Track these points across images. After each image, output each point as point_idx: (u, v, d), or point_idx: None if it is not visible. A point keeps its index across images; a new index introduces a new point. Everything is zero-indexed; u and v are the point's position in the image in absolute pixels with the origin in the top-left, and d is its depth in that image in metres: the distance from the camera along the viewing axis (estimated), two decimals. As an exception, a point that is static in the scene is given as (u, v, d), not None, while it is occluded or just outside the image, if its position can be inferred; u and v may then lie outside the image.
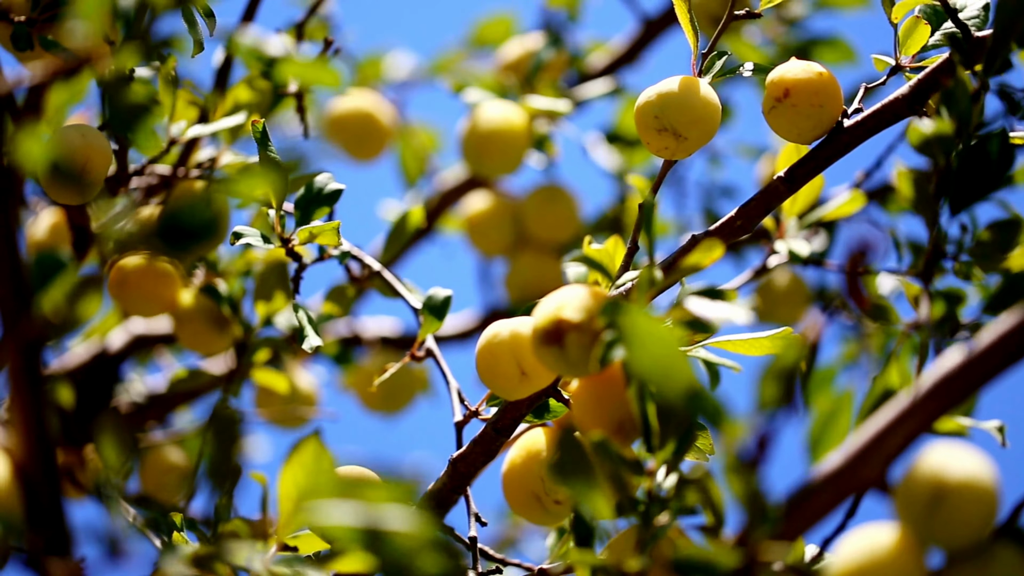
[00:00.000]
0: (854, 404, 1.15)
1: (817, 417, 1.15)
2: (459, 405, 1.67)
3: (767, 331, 1.49)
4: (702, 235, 1.48)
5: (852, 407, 1.15)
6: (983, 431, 1.49)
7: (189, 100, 1.94)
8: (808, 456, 1.15)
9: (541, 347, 1.30)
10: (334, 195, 1.69)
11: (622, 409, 1.29)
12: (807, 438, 1.15)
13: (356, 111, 2.69)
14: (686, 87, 1.48)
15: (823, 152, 1.49)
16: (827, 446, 1.14)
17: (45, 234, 2.15)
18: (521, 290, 2.74)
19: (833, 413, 1.15)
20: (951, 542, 1.09)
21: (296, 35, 2.16)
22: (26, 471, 1.15)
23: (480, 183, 2.80)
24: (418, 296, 1.82)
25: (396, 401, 2.71)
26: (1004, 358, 1.11)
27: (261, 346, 2.04)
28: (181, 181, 1.94)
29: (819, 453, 1.15)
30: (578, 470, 1.16)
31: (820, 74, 1.47)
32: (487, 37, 3.00)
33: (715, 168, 2.85)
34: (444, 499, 1.55)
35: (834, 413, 1.15)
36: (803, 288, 2.66)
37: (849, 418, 1.15)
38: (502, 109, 2.50)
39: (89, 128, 1.69)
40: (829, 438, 1.15)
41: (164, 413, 2.53)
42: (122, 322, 2.49)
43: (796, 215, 1.86)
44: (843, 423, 1.15)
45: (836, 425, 1.15)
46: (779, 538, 1.11)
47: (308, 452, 1.20)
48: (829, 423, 1.15)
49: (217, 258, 2.10)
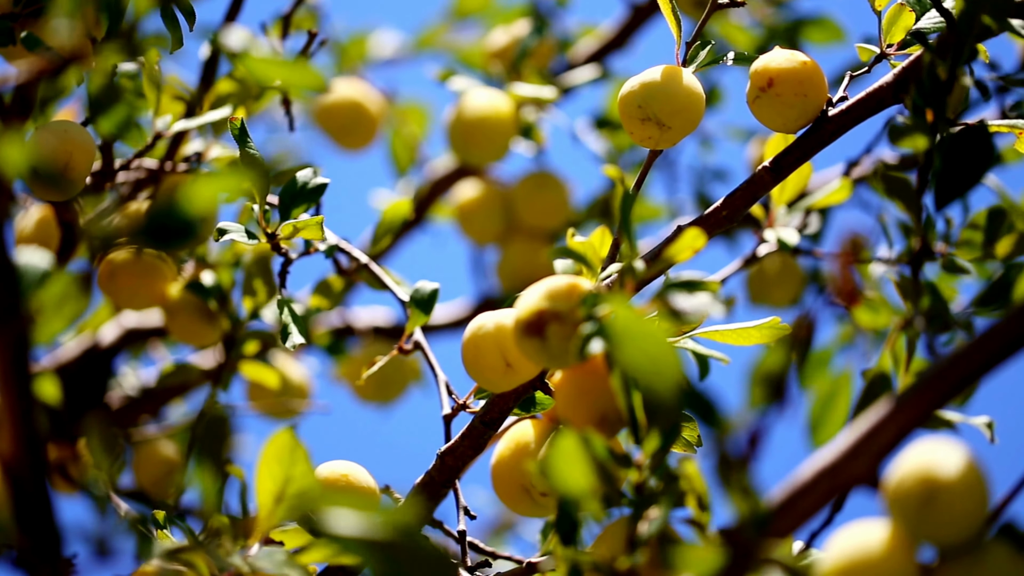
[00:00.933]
0: (852, 384, 1.15)
1: (816, 399, 1.15)
2: (447, 398, 1.66)
3: (756, 320, 1.49)
4: (687, 225, 1.48)
5: (851, 387, 1.15)
6: (972, 427, 1.49)
7: (174, 95, 1.93)
8: (809, 439, 1.15)
9: (523, 338, 1.30)
10: (318, 190, 1.69)
11: (606, 401, 1.28)
12: (807, 421, 1.15)
13: (345, 101, 2.68)
14: (669, 76, 1.47)
15: (808, 141, 1.49)
16: (829, 427, 1.14)
17: (32, 229, 2.15)
18: (513, 278, 2.74)
19: (832, 394, 1.15)
20: (943, 538, 1.09)
21: (283, 25, 2.16)
22: (14, 469, 1.15)
23: (471, 171, 2.80)
24: (406, 288, 1.82)
25: (389, 391, 2.71)
26: (995, 353, 1.11)
27: (249, 339, 2.04)
28: (169, 175, 1.93)
29: (821, 435, 1.15)
30: (563, 465, 1.15)
31: (804, 63, 1.47)
32: (469, 7, 3.00)
33: (706, 151, 2.85)
34: (433, 492, 1.55)
35: (833, 394, 1.15)
36: (796, 270, 2.66)
37: (849, 398, 1.15)
38: (488, 97, 2.49)
39: (72, 124, 1.68)
40: (830, 420, 1.15)
41: (158, 406, 2.53)
42: (114, 316, 2.49)
43: (785, 203, 1.86)
44: (843, 404, 1.15)
45: (836, 406, 1.15)
46: (770, 534, 1.11)
47: (282, 445, 1.20)
48: (829, 404, 1.15)
49: (207, 250, 2.10)
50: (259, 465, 1.22)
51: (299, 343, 1.67)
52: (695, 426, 1.42)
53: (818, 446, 1.14)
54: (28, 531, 1.15)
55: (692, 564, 1.10)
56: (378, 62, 2.98)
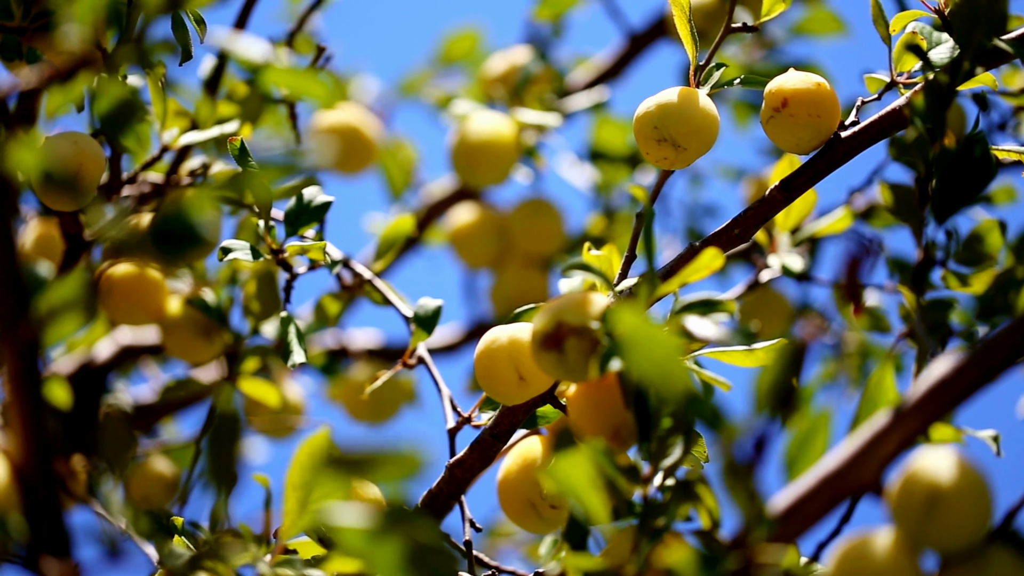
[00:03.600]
0: (832, 422, 1.16)
1: (795, 436, 1.15)
2: (451, 412, 1.67)
3: (762, 343, 1.50)
4: (702, 244, 1.49)
5: (830, 425, 1.16)
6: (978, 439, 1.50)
7: (178, 111, 1.94)
8: (785, 475, 1.15)
9: (540, 351, 1.31)
10: (323, 207, 1.70)
11: (618, 415, 1.29)
12: (784, 457, 1.15)
13: (342, 124, 2.69)
14: (685, 98, 1.49)
15: (820, 162, 1.50)
16: (803, 465, 1.15)
17: (31, 246, 2.15)
18: (506, 303, 2.74)
19: (810, 432, 1.15)
20: (946, 545, 1.10)
21: (286, 47, 2.17)
22: (24, 473, 1.15)
23: (466, 195, 2.81)
24: (408, 306, 1.82)
25: (382, 412, 2.71)
26: (999, 363, 1.12)
27: (250, 355, 2.03)
28: (173, 189, 1.94)
29: (795, 472, 1.15)
30: (574, 475, 1.16)
31: (818, 85, 1.48)
32: (455, 53, 3.01)
33: (697, 188, 2.87)
34: (441, 505, 1.56)
35: (811, 432, 1.15)
36: (785, 304, 2.67)
37: (827, 436, 1.16)
38: (491, 120, 2.51)
39: (81, 135, 1.68)
40: (805, 457, 1.15)
41: (150, 424, 2.52)
42: (109, 332, 2.49)
43: (789, 230, 1.87)
44: (821, 441, 1.15)
45: (813, 445, 1.15)
46: (775, 541, 1.12)
47: (315, 451, 1.20)
48: (806, 442, 1.15)
49: (204, 267, 2.10)
50: (290, 468, 1.21)
51: (300, 362, 1.67)
52: (704, 442, 1.42)
53: (792, 481, 1.15)
54: (38, 533, 1.15)
55: (698, 572, 1.10)
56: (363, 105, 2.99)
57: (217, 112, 1.95)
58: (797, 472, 1.15)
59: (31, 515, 1.16)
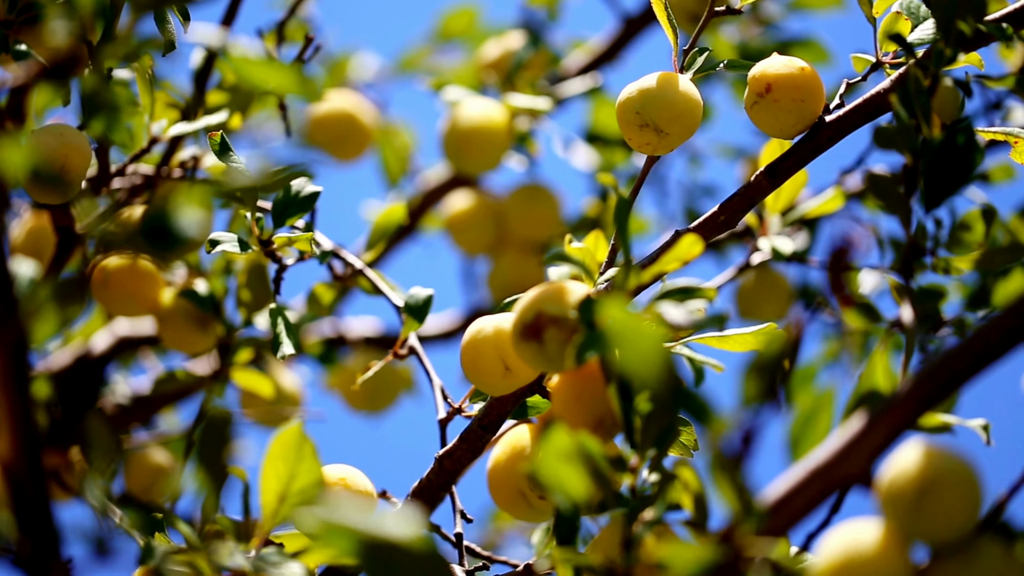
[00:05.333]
0: (835, 402, 1.16)
1: (798, 415, 1.15)
2: (442, 403, 1.67)
3: (751, 327, 1.49)
4: (684, 231, 1.48)
5: (833, 405, 1.15)
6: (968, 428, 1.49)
7: (169, 102, 1.93)
8: (788, 454, 1.15)
9: (520, 342, 1.30)
10: (311, 198, 1.70)
11: (602, 405, 1.29)
12: (788, 436, 1.15)
13: (337, 112, 2.68)
14: (666, 83, 1.48)
15: (805, 146, 1.49)
16: (808, 444, 1.15)
17: (23, 239, 2.15)
18: (503, 289, 2.74)
19: (814, 411, 1.15)
20: (936, 537, 1.10)
21: (277, 36, 2.16)
22: (13, 471, 1.15)
23: (462, 182, 2.81)
24: (400, 295, 1.82)
25: (380, 400, 2.71)
26: (988, 353, 1.12)
27: (243, 346, 2.03)
28: (164, 181, 1.93)
29: (799, 451, 1.15)
30: (558, 467, 1.16)
31: (802, 69, 1.48)
32: (452, 30, 3.01)
33: (695, 168, 2.86)
34: (431, 496, 1.56)
35: (815, 411, 1.15)
36: (784, 285, 2.67)
37: (830, 416, 1.15)
38: (483, 106, 2.51)
39: (67, 128, 1.68)
40: (810, 436, 1.15)
41: (149, 415, 2.52)
42: (106, 324, 2.49)
43: (779, 212, 1.86)
44: (824, 421, 1.15)
45: (817, 423, 1.15)
46: (764, 534, 1.11)
47: (289, 441, 1.20)
48: (810, 421, 1.15)
49: (198, 258, 2.10)
50: (264, 462, 1.22)
51: (289, 354, 1.67)
52: (692, 430, 1.42)
53: (796, 461, 1.14)
54: (27, 531, 1.15)
55: (687, 564, 1.10)
56: (361, 83, 2.98)
57: (207, 102, 1.94)
58: (800, 453, 1.14)
59: (20, 513, 1.16)
